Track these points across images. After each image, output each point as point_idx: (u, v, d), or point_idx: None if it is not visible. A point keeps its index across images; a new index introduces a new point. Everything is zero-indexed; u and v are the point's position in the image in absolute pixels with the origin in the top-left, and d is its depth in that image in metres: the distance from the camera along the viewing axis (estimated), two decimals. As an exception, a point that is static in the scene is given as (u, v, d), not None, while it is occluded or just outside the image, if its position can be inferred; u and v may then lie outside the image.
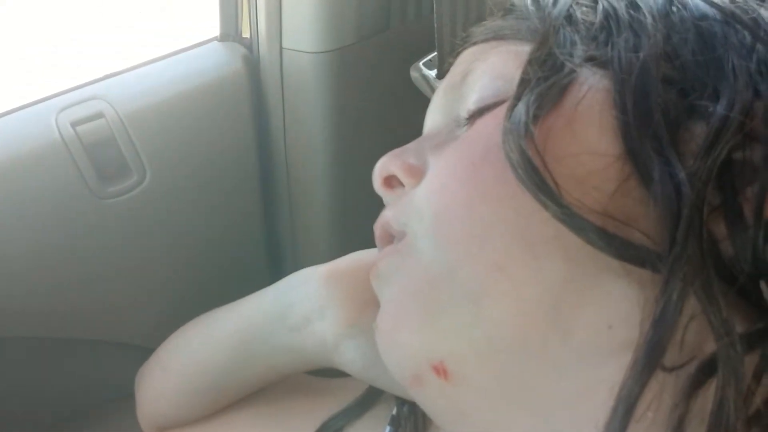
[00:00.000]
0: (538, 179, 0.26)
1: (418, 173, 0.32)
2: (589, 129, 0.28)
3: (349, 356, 0.42)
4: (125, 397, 0.56)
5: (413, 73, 0.52)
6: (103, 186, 0.59)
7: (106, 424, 0.67)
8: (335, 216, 0.64)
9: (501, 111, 0.29)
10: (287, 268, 0.49)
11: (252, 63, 0.62)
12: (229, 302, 0.50)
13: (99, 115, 0.58)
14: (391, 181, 0.34)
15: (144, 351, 0.56)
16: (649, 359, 0.24)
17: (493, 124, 0.29)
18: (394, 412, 0.43)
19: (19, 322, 0.59)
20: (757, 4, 0.31)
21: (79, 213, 0.58)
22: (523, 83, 0.29)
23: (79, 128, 0.58)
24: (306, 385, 0.51)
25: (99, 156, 0.58)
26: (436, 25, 0.50)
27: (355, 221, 0.35)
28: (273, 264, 0.71)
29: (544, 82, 0.29)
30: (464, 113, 0.33)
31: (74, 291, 0.60)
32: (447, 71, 0.37)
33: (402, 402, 0.43)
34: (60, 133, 0.57)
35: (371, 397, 0.46)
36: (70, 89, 0.60)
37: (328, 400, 0.47)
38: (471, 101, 0.32)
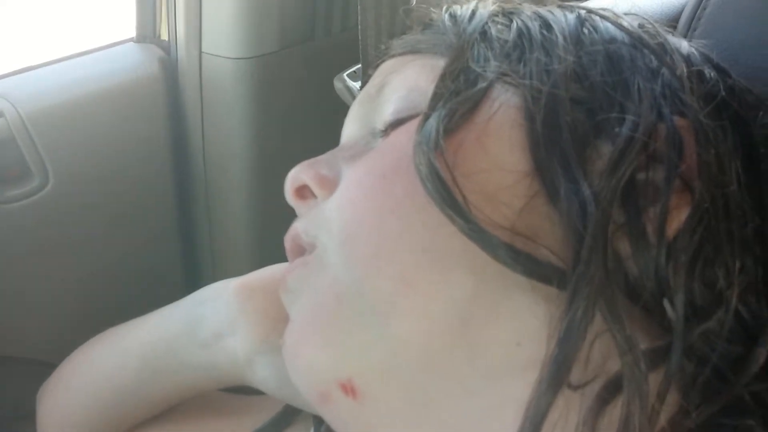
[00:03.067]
0: (445, 193, 0.26)
1: (330, 184, 0.32)
2: (499, 145, 0.28)
3: (262, 374, 0.41)
4: (24, 416, 0.52)
5: (337, 84, 0.52)
6: (1, 190, 0.55)
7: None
8: (254, 225, 0.63)
9: (414, 124, 0.29)
10: (204, 282, 0.47)
11: (169, 66, 0.60)
12: (140, 316, 0.48)
13: (-2, 114, 0.55)
14: (303, 192, 0.33)
15: (46, 367, 0.53)
16: (555, 377, 0.24)
17: (405, 136, 0.29)
18: (312, 431, 0.42)
19: None
20: (665, 31, 0.33)
21: (-27, 218, 0.54)
22: (436, 97, 0.29)
23: (-26, 128, 0.54)
24: (221, 403, 0.49)
25: (-3, 157, 0.55)
26: (360, 37, 0.50)
27: (275, 231, 0.34)
28: (189, 278, 0.69)
29: (456, 97, 0.29)
30: (380, 125, 0.33)
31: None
32: None
33: (320, 421, 0.42)
34: (-46, 132, 0.53)
35: (288, 415, 0.44)
36: (-32, 86, 0.57)
37: (244, 419, 0.46)
38: (387, 113, 0.32)
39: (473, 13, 0.33)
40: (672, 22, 0.42)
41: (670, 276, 0.25)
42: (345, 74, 0.52)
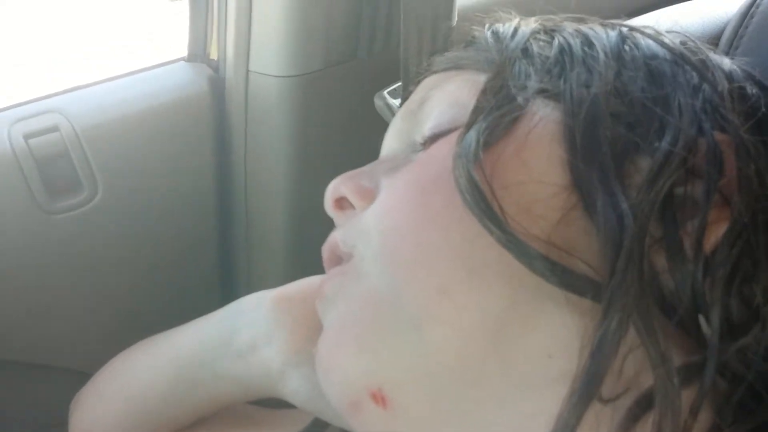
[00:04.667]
0: (484, 205, 0.26)
1: (369, 195, 0.32)
2: (538, 158, 0.28)
3: (293, 386, 0.41)
4: (58, 425, 0.53)
5: (377, 102, 0.53)
6: (51, 201, 0.57)
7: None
8: (292, 241, 0.64)
9: (454, 137, 0.30)
10: (241, 293, 0.47)
11: (218, 84, 0.62)
12: (177, 326, 0.49)
13: (53, 129, 0.57)
14: (342, 203, 0.34)
15: (82, 376, 0.54)
16: (586, 390, 0.24)
17: (445, 149, 0.29)
18: (339, 447, 0.42)
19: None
20: (707, 48, 0.33)
21: (25, 227, 0.56)
22: (477, 111, 0.29)
23: (31, 141, 0.56)
24: (249, 416, 0.49)
25: (50, 170, 0.57)
26: (402, 56, 0.50)
27: (312, 247, 0.35)
28: (226, 289, 0.69)
29: (497, 111, 0.29)
30: (420, 138, 0.33)
31: (18, 311, 0.58)
32: None
33: (346, 436, 0.42)
34: (11, 145, 0.56)
35: (316, 429, 0.44)
36: (28, 102, 0.59)
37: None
38: (427, 127, 0.33)
39: (515, 30, 0.34)
40: (714, 39, 0.42)
41: (707, 291, 0.25)
42: (385, 92, 0.53)
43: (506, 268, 0.26)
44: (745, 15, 0.40)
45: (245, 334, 0.43)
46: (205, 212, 0.65)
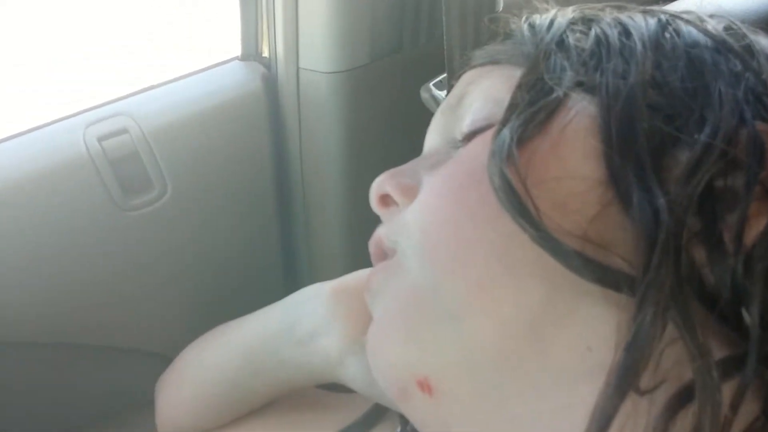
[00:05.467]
0: (517, 203, 0.27)
1: (411, 192, 0.33)
2: (573, 153, 0.28)
3: (352, 372, 0.43)
4: (147, 404, 0.57)
5: (423, 94, 0.53)
6: (126, 199, 0.61)
7: (129, 428, 0.69)
8: (349, 232, 0.65)
9: (490, 134, 0.30)
10: (302, 282, 0.50)
11: (270, 82, 0.64)
12: (244, 314, 0.52)
13: (124, 131, 0.61)
14: (386, 200, 0.35)
15: (165, 359, 0.58)
16: (622, 382, 0.24)
17: (481, 146, 0.30)
18: (398, 430, 0.44)
19: (46, 329, 0.61)
20: (753, 31, 0.31)
21: (104, 224, 0.60)
22: (512, 107, 0.30)
23: (104, 143, 0.60)
24: (315, 400, 0.51)
25: (123, 170, 0.60)
26: (445, 47, 0.51)
27: (368, 239, 0.36)
28: (288, 278, 0.72)
29: (532, 107, 0.29)
30: (459, 135, 0.34)
31: (99, 300, 0.62)
32: None
33: (406, 420, 0.43)
34: (87, 147, 0.60)
35: (377, 413, 0.46)
36: (97, 106, 0.63)
37: (337, 415, 0.47)
38: (465, 123, 0.33)
39: (551, 22, 0.33)
40: (762, 22, 0.40)
41: (747, 285, 0.25)
42: (431, 84, 0.53)
43: (542, 265, 0.27)
44: None
45: (306, 324, 0.45)
46: (265, 206, 0.67)
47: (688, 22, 0.31)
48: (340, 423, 0.46)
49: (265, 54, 0.65)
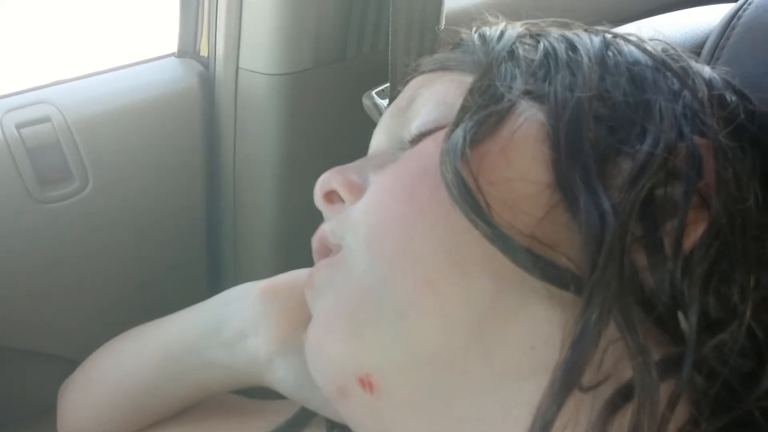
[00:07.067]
0: (470, 198, 0.27)
1: (358, 190, 0.33)
2: (522, 157, 0.29)
3: (280, 374, 0.42)
4: (44, 412, 0.54)
5: (365, 101, 0.54)
6: (42, 190, 0.57)
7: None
8: (277, 237, 0.64)
9: (441, 134, 0.30)
10: (227, 285, 0.48)
11: (207, 80, 0.62)
12: (165, 316, 0.49)
13: (45, 119, 0.57)
14: (331, 197, 0.35)
15: (70, 364, 0.55)
16: (567, 379, 0.25)
17: (432, 146, 0.30)
18: (324, 434, 0.43)
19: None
20: (688, 56, 0.34)
21: (16, 215, 0.57)
22: (464, 110, 0.30)
23: (23, 130, 0.57)
24: (235, 406, 0.50)
25: (41, 160, 0.57)
26: (390, 57, 0.51)
27: (299, 242, 0.36)
28: (213, 281, 0.70)
29: (483, 110, 0.30)
30: (407, 136, 0.34)
31: (3, 295, 0.58)
32: None
33: (332, 425, 0.42)
34: (3, 133, 0.56)
35: (301, 420, 0.45)
36: (20, 92, 0.59)
37: (257, 422, 0.46)
38: (414, 125, 0.34)
39: (502, 33, 0.35)
40: (696, 50, 0.43)
41: (685, 289, 0.26)
42: (374, 92, 0.54)
43: (490, 262, 0.27)
44: (726, 26, 0.41)
45: (233, 324, 0.43)
46: (193, 206, 0.65)
47: (629, 42, 0.33)
48: (259, 430, 0.45)
49: (203, 53, 0.63)
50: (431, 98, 0.34)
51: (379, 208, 0.31)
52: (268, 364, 0.42)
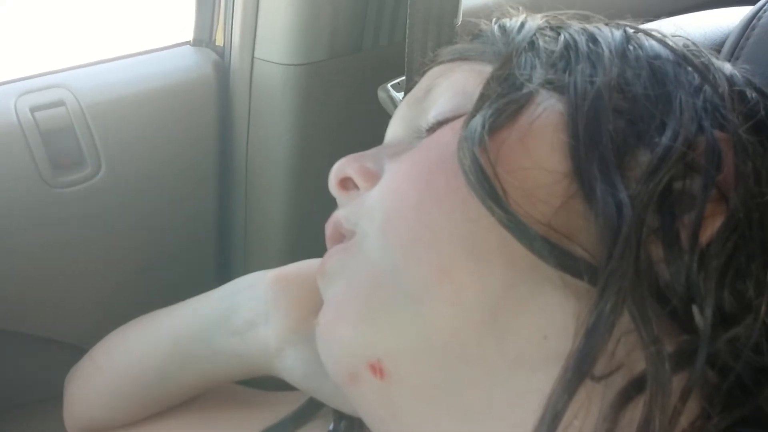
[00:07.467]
0: (487, 185, 0.27)
1: (373, 177, 0.33)
2: (541, 146, 0.29)
3: (289, 364, 0.42)
4: (51, 398, 0.54)
5: (381, 94, 0.54)
6: (55, 175, 0.57)
7: (33, 423, 0.64)
8: (288, 227, 0.64)
9: (459, 123, 0.30)
10: (238, 273, 0.48)
11: (222, 69, 0.62)
12: (173, 304, 0.49)
13: (60, 103, 0.57)
14: (346, 184, 0.34)
15: (78, 350, 0.55)
16: (579, 368, 0.25)
17: (450, 134, 0.30)
18: (331, 427, 0.43)
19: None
20: (709, 52, 0.34)
21: (28, 199, 0.57)
22: (483, 98, 0.30)
23: (37, 114, 0.57)
24: (242, 396, 0.50)
25: (55, 144, 0.57)
26: (407, 50, 0.51)
27: (310, 232, 0.36)
28: (224, 270, 0.70)
29: (503, 98, 0.30)
30: (424, 125, 0.34)
31: (15, 280, 0.58)
32: None
33: (340, 417, 0.42)
34: (18, 117, 0.56)
35: (309, 411, 0.45)
36: (35, 75, 0.60)
37: (265, 413, 0.46)
38: (432, 114, 0.34)
39: (522, 24, 0.35)
40: (716, 49, 0.43)
41: (701, 282, 0.26)
42: (389, 85, 0.54)
43: (506, 250, 0.27)
44: (747, 26, 0.41)
45: (243, 313, 0.43)
46: (205, 194, 0.65)
47: (650, 36, 0.33)
48: (266, 421, 0.45)
49: (219, 42, 0.63)
50: (449, 88, 0.34)
51: (395, 194, 0.30)
52: (277, 353, 0.42)
